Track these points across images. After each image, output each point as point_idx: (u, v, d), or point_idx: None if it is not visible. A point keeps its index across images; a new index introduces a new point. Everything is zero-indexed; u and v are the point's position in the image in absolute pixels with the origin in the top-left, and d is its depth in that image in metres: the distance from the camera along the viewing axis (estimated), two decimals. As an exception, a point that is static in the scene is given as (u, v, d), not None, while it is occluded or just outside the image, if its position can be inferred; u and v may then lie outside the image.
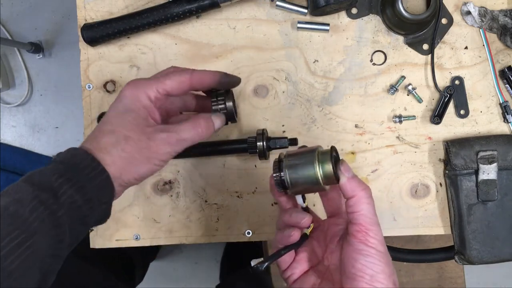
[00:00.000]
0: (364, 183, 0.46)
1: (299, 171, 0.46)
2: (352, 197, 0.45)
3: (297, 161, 0.47)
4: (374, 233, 0.45)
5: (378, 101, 0.67)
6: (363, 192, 0.45)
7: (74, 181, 0.43)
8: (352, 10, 0.66)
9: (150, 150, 0.48)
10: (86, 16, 0.67)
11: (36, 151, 1.57)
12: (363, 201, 0.45)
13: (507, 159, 0.63)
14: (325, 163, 0.46)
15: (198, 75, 0.52)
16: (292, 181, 0.47)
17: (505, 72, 0.65)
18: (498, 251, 0.63)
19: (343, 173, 0.45)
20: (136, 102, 0.49)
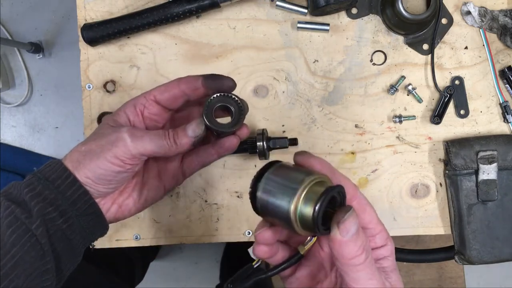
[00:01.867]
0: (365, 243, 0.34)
1: (273, 197, 0.34)
2: (336, 259, 0.35)
3: (278, 183, 0.34)
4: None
5: (378, 101, 0.67)
6: (355, 260, 0.34)
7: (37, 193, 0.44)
8: (352, 10, 0.66)
9: (108, 141, 0.45)
10: (86, 16, 0.67)
11: (36, 151, 1.57)
12: (354, 269, 0.34)
13: (507, 159, 0.63)
14: (309, 203, 0.33)
15: (185, 78, 0.49)
16: (263, 205, 0.35)
17: (505, 72, 0.65)
18: (498, 251, 0.63)
19: (339, 231, 0.33)
20: (118, 111, 0.49)
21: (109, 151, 0.45)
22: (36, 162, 1.56)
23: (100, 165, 0.45)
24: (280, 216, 0.33)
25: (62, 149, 1.55)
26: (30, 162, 1.56)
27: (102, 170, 0.45)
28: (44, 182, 0.45)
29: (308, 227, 0.33)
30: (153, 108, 0.50)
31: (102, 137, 0.46)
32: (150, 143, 0.46)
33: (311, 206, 0.32)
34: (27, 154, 1.57)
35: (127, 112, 0.49)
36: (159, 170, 0.52)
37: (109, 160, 0.45)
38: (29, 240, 0.42)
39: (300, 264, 0.41)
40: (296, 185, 0.33)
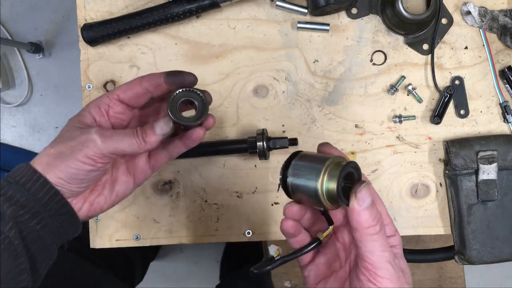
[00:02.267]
0: (376, 217, 0.39)
1: (301, 179, 0.40)
2: (355, 230, 0.39)
3: (303, 169, 0.40)
4: (385, 273, 0.38)
5: (378, 101, 0.67)
6: (370, 229, 0.38)
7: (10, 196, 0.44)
8: (352, 10, 0.66)
9: (78, 142, 0.46)
10: (86, 16, 0.67)
11: (36, 151, 1.57)
12: (369, 238, 0.38)
13: (507, 159, 0.63)
14: (331, 180, 0.39)
15: (147, 76, 0.50)
16: (292, 187, 0.41)
17: (505, 72, 0.65)
18: (498, 251, 0.63)
19: (355, 200, 0.38)
20: (82, 111, 0.50)
21: (79, 152, 0.46)
22: (36, 162, 1.56)
23: (71, 165, 0.46)
24: (309, 193, 0.39)
25: (62, 149, 1.55)
26: (30, 162, 1.56)
27: (74, 170, 0.46)
28: (15, 186, 0.45)
29: (333, 199, 0.39)
30: (118, 107, 0.51)
31: (71, 139, 0.47)
32: (120, 142, 0.47)
33: (335, 180, 0.38)
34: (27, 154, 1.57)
35: (92, 112, 0.50)
36: (128, 166, 0.53)
37: (81, 160, 0.46)
38: (2, 242, 0.42)
39: (319, 252, 0.45)
40: (320, 165, 0.39)
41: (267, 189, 0.67)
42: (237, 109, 0.67)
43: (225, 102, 0.67)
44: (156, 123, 0.48)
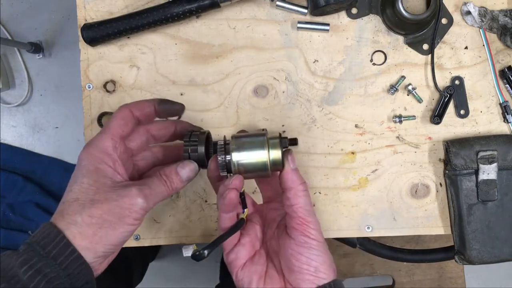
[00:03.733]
0: (302, 177, 0.46)
1: (247, 154, 0.46)
2: (290, 189, 0.46)
3: (246, 145, 0.46)
4: (314, 225, 0.45)
5: (378, 101, 0.67)
6: (301, 186, 0.46)
7: (45, 272, 0.40)
8: (352, 10, 0.66)
9: (122, 208, 0.44)
10: (86, 16, 0.67)
11: (36, 151, 1.57)
12: (301, 193, 0.46)
13: (507, 159, 0.63)
14: (275, 149, 0.46)
15: (136, 105, 0.50)
16: (238, 165, 0.46)
17: (505, 72, 0.65)
18: (498, 251, 0.63)
19: (289, 163, 0.46)
20: (94, 161, 0.45)
21: (128, 217, 0.44)
22: (36, 162, 1.56)
23: (122, 235, 0.44)
24: (258, 165, 0.46)
25: (62, 149, 1.55)
26: (30, 162, 1.56)
27: (126, 236, 0.45)
28: (46, 260, 0.41)
29: (275, 166, 0.46)
30: (122, 146, 0.49)
31: (110, 202, 0.43)
32: (157, 197, 0.48)
33: (277, 149, 0.46)
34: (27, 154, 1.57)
35: (108, 162, 0.46)
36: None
37: (127, 229, 0.44)
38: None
39: (241, 234, 0.50)
40: (261, 142, 0.46)
41: (267, 189, 0.67)
42: (237, 109, 0.67)
43: (225, 102, 0.67)
44: (181, 169, 0.49)
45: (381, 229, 0.67)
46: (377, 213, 0.67)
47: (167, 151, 0.56)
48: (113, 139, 0.47)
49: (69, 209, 0.43)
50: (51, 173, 1.55)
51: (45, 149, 1.57)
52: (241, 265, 0.49)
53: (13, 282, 0.39)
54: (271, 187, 0.53)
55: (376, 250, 0.69)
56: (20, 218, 1.52)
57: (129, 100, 0.67)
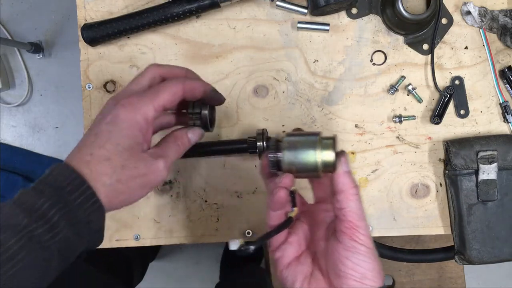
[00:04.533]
0: (354, 181, 0.45)
1: (299, 154, 0.45)
2: (341, 192, 0.44)
3: (298, 144, 0.45)
4: (363, 230, 0.44)
5: (378, 101, 0.67)
6: (353, 189, 0.44)
7: (71, 217, 0.41)
8: (352, 10, 0.66)
9: (146, 178, 0.45)
10: (86, 16, 0.67)
11: (36, 151, 1.57)
12: (352, 198, 0.44)
13: (507, 159, 0.63)
14: (328, 150, 0.44)
15: (190, 85, 0.49)
16: (289, 164, 0.45)
17: (505, 72, 0.65)
18: (498, 251, 0.63)
19: (342, 165, 0.44)
20: (133, 127, 0.45)
21: (148, 188, 0.46)
22: (36, 162, 1.56)
23: (137, 199, 0.47)
24: (308, 165, 0.45)
25: (62, 149, 1.55)
26: (30, 162, 1.56)
27: (137, 200, 0.47)
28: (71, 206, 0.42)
29: (326, 167, 0.45)
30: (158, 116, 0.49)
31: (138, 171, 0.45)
32: (172, 161, 0.49)
33: (330, 150, 0.44)
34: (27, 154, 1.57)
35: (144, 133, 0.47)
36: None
37: (143, 195, 0.47)
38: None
39: (289, 233, 0.49)
40: (313, 142, 0.45)
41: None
42: (237, 109, 0.67)
43: (225, 102, 0.67)
44: (192, 135, 0.52)
45: (381, 229, 0.67)
46: (377, 213, 0.67)
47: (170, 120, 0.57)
48: (156, 110, 0.46)
49: (99, 167, 0.43)
50: (51, 173, 1.55)
51: (45, 149, 1.57)
52: (286, 264, 0.48)
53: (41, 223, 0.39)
54: (324, 187, 0.51)
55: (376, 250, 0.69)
56: (20, 218, 1.52)
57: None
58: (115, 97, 0.47)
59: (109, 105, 0.46)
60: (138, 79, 0.49)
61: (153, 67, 0.50)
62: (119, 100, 0.46)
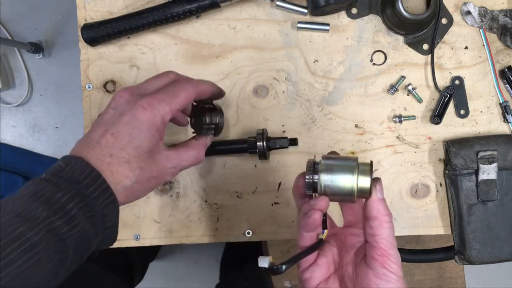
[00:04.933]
0: (388, 208, 0.45)
1: (336, 178, 0.44)
2: (375, 219, 0.44)
3: (335, 168, 0.45)
4: (395, 258, 0.44)
5: (378, 101, 0.67)
6: (387, 217, 0.44)
7: (88, 210, 0.42)
8: (352, 10, 0.66)
9: (157, 179, 0.48)
10: (86, 16, 0.67)
11: (36, 151, 1.57)
12: (386, 225, 0.44)
13: (507, 159, 0.63)
14: (365, 176, 0.44)
15: (202, 88, 0.52)
16: (325, 187, 0.45)
17: (505, 72, 0.65)
18: (498, 251, 0.63)
19: (376, 192, 0.44)
20: (151, 128, 0.47)
21: (157, 185, 0.50)
22: (36, 162, 1.56)
23: (145, 194, 0.49)
24: (344, 190, 0.44)
25: (62, 149, 1.55)
26: (30, 162, 1.56)
27: (144, 195, 0.49)
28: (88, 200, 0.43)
29: (361, 193, 0.45)
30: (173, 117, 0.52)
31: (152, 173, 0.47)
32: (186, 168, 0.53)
33: (367, 176, 0.44)
34: (27, 154, 1.57)
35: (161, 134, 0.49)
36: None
37: (155, 188, 0.51)
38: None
39: (319, 254, 0.48)
40: (352, 163, 0.45)
41: (267, 189, 0.67)
42: (237, 109, 0.67)
43: (225, 102, 0.67)
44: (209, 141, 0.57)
45: (381, 229, 0.67)
46: (377, 213, 0.67)
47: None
48: (173, 113, 0.48)
49: (120, 170, 0.45)
50: (51, 173, 1.55)
51: (45, 149, 1.57)
52: (314, 285, 0.47)
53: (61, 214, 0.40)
54: (354, 212, 0.51)
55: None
56: (20, 218, 1.52)
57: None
58: (131, 92, 0.48)
59: (124, 101, 0.47)
60: (156, 80, 0.51)
61: (172, 74, 0.52)
62: (137, 100, 0.47)
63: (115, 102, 0.48)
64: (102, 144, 0.45)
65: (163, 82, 0.51)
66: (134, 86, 0.50)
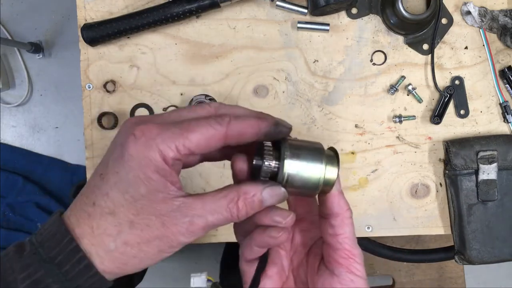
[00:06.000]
0: (348, 202, 0.39)
1: (302, 167, 0.35)
2: (337, 215, 0.38)
3: (302, 155, 0.36)
4: (359, 258, 0.38)
5: (378, 101, 0.67)
6: (348, 212, 0.38)
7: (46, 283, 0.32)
8: (352, 10, 0.66)
9: (163, 241, 0.34)
10: (86, 16, 0.67)
11: (36, 151, 1.57)
12: (348, 221, 0.38)
13: (507, 159, 0.63)
14: (332, 166, 0.36)
15: (238, 127, 0.35)
16: (289, 177, 0.35)
17: (505, 72, 0.65)
18: (498, 251, 0.63)
19: (336, 183, 0.37)
20: (146, 167, 0.33)
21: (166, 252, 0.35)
22: (36, 162, 1.56)
23: (152, 264, 0.35)
24: (310, 182, 0.36)
25: (62, 149, 1.55)
26: (30, 162, 1.56)
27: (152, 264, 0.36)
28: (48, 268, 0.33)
29: (326, 187, 0.37)
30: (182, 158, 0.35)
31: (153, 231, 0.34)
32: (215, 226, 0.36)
33: (335, 166, 0.37)
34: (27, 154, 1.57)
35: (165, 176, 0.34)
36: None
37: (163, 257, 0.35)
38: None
39: (268, 264, 0.42)
40: (319, 147, 0.37)
41: (267, 189, 0.67)
42: (237, 109, 0.67)
43: (225, 102, 0.67)
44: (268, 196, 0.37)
45: (381, 229, 0.67)
46: (377, 213, 0.67)
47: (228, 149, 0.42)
48: (178, 149, 0.33)
49: (101, 224, 0.33)
50: (51, 173, 1.55)
51: (45, 149, 1.57)
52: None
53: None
54: (304, 202, 0.43)
55: (376, 250, 0.69)
56: (20, 218, 1.52)
57: (128, 101, 0.67)
58: (139, 119, 0.35)
59: (125, 129, 0.34)
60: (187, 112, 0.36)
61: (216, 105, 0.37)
62: (136, 128, 0.34)
63: (118, 131, 0.36)
64: (88, 188, 0.35)
65: (195, 115, 0.36)
66: (153, 115, 0.38)
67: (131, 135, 0.33)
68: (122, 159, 0.33)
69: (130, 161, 0.33)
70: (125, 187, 0.33)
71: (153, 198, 0.33)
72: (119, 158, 0.33)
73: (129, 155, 0.33)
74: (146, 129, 0.33)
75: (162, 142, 0.33)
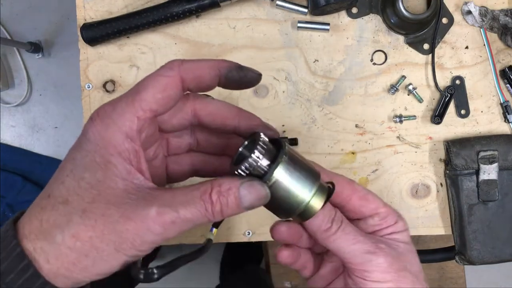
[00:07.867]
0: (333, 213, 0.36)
1: (293, 179, 0.32)
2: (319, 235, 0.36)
3: (297, 166, 0.33)
4: (368, 266, 0.35)
5: (378, 101, 0.67)
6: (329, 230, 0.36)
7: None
8: (353, 10, 0.66)
9: (122, 237, 0.28)
10: (85, 15, 0.67)
11: (36, 151, 1.57)
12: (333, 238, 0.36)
13: (508, 159, 0.62)
14: (321, 197, 0.34)
15: (192, 67, 0.33)
16: (276, 183, 0.32)
17: (506, 71, 0.65)
18: (499, 252, 0.63)
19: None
20: (104, 149, 0.29)
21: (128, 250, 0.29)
22: (35, 162, 1.56)
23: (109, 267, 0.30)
24: (291, 199, 0.33)
25: (61, 149, 1.55)
26: (29, 162, 1.56)
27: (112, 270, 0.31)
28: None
29: (304, 215, 0.34)
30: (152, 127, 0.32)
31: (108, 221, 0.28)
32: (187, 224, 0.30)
33: (321, 200, 0.34)
34: (27, 154, 1.57)
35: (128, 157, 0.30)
36: None
37: (131, 256, 0.30)
38: None
39: (324, 261, 0.41)
40: (312, 178, 0.33)
41: (267, 189, 0.67)
42: (237, 109, 0.67)
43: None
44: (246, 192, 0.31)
45: (382, 229, 0.67)
46: (378, 213, 0.67)
47: (210, 162, 0.40)
48: (140, 118, 0.30)
49: (51, 216, 0.29)
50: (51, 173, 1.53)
51: (44, 149, 1.57)
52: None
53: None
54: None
55: None
56: (19, 218, 1.52)
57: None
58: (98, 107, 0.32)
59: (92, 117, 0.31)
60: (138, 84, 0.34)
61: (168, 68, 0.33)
62: (95, 111, 0.31)
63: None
64: (50, 182, 0.31)
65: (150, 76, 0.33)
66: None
67: (88, 120, 0.30)
68: (80, 145, 0.30)
69: (87, 144, 0.30)
70: (81, 173, 0.29)
71: (112, 185, 0.29)
72: (77, 145, 0.30)
73: (86, 139, 0.30)
74: (101, 109, 0.30)
75: (119, 117, 0.29)
